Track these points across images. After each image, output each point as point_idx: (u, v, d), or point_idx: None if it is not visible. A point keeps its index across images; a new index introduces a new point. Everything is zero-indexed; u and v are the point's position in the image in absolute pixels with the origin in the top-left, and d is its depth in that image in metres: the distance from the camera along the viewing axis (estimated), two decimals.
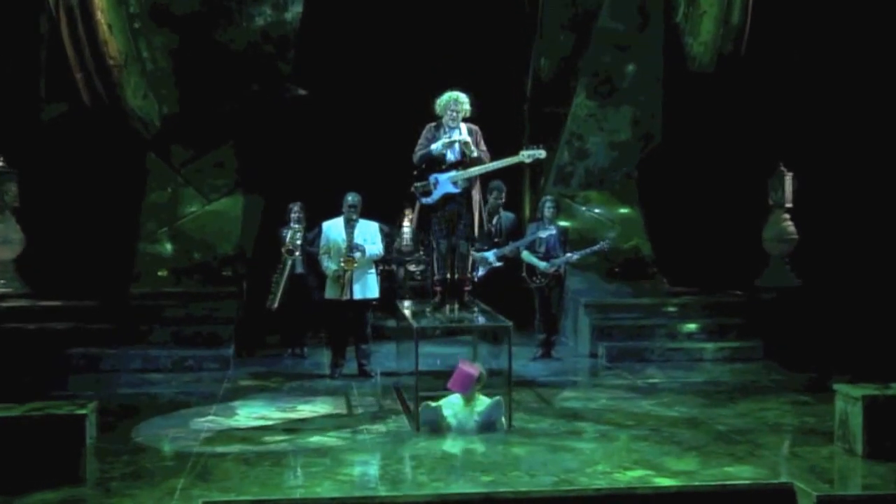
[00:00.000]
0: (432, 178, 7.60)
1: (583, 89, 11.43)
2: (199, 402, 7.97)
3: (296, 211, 9.81)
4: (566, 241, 10.01)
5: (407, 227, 11.62)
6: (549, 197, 10.23)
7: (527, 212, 12.34)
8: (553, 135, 11.78)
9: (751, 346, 10.02)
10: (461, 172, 7.56)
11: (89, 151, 11.33)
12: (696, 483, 5.76)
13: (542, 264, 9.77)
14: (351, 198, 9.05)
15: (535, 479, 5.84)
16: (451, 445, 6.58)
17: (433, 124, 7.77)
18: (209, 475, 5.95)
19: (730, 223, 11.96)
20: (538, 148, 7.61)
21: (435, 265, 7.89)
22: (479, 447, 6.53)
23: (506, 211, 9.95)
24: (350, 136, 12.06)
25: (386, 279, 11.22)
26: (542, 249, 9.81)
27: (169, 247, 11.20)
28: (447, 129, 7.64)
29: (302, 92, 11.53)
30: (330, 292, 9.02)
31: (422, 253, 11.71)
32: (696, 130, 11.85)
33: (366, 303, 9.13)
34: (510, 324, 7.34)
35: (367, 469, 6.18)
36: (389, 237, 11.38)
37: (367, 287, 9.06)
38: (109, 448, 6.44)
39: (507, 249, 9.56)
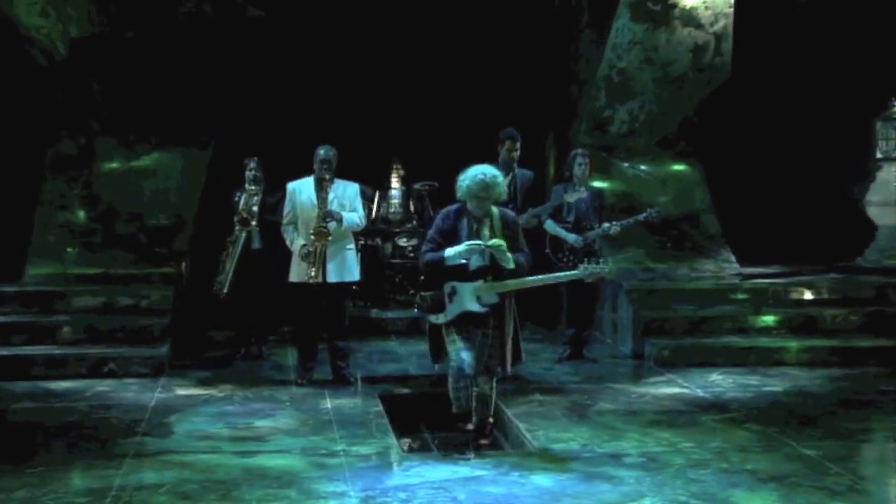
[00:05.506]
0: (448, 286, 6.93)
1: (626, 8, 11.34)
2: (123, 418, 7.94)
3: (252, 168, 9.80)
4: (602, 207, 9.99)
5: (395, 189, 11.61)
6: (580, 150, 10.16)
7: (551, 169, 12.30)
8: (586, 69, 11.72)
9: (850, 347, 9.97)
10: (491, 284, 6.91)
11: None
12: None
13: (570, 237, 9.73)
14: (323, 152, 8.99)
15: None
16: (452, 472, 6.56)
17: (453, 208, 7.06)
18: None
19: (820, 183, 11.92)
20: (599, 263, 7.10)
21: (451, 394, 7.06)
22: (488, 474, 6.50)
23: (522, 168, 9.89)
24: (322, 73, 12.00)
25: (369, 256, 11.23)
26: (572, 218, 9.77)
27: (81, 214, 11.16)
28: (472, 219, 6.98)
29: (258, 12, 11.47)
30: (296, 274, 8.99)
31: (414, 223, 11.73)
32: (777, 61, 11.78)
33: (343, 287, 9.09)
34: None
35: (343, 503, 6.15)
36: (373, 202, 11.42)
37: (345, 267, 9.02)
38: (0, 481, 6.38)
39: (524, 218, 9.48)
